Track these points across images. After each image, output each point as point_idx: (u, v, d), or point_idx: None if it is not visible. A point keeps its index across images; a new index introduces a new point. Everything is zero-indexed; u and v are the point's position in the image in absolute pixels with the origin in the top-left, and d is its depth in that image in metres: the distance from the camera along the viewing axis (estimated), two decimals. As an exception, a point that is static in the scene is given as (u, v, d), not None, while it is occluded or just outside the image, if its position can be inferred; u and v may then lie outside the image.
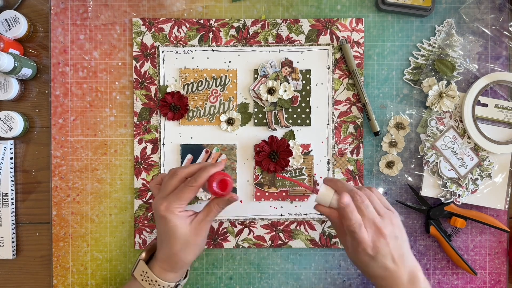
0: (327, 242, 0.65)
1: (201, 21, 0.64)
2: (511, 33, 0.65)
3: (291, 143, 0.64)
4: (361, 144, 0.65)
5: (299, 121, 0.65)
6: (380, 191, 0.65)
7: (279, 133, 0.65)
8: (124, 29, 0.65)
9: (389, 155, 0.64)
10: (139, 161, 0.65)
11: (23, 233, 0.65)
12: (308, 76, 0.64)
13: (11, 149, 0.64)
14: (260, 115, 0.65)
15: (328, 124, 0.65)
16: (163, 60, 0.64)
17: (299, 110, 0.65)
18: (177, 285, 0.55)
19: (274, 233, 0.65)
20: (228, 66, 0.65)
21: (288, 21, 0.64)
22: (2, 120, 0.62)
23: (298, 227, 0.65)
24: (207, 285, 0.65)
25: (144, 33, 0.64)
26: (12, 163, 0.64)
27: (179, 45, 0.64)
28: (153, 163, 0.65)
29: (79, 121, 0.65)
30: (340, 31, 0.64)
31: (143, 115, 0.65)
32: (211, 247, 0.65)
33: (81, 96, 0.65)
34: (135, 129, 0.65)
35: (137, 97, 0.64)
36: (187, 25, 0.64)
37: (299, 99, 0.64)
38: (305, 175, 0.64)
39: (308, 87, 0.65)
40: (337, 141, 0.65)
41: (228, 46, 0.64)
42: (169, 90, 0.64)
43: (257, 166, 0.64)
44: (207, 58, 0.65)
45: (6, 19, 0.62)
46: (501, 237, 0.65)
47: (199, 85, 0.64)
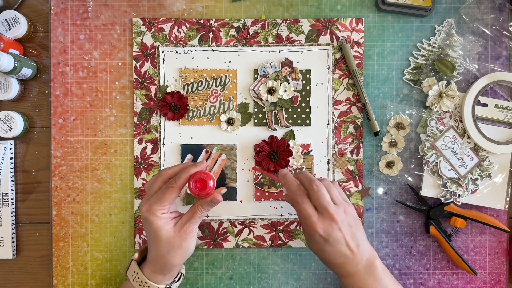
0: (327, 242, 0.65)
1: (201, 21, 0.64)
2: (511, 33, 0.65)
3: (291, 143, 0.64)
4: (361, 144, 0.65)
5: (299, 121, 0.65)
6: (380, 191, 0.65)
7: (279, 133, 0.65)
8: (124, 29, 0.65)
9: (389, 155, 0.64)
10: (139, 161, 0.65)
11: (23, 233, 0.65)
12: (308, 76, 0.64)
13: (11, 149, 0.64)
14: (260, 115, 0.65)
15: (328, 124, 0.65)
16: (163, 60, 0.64)
17: (299, 110, 0.64)
18: None
19: (274, 233, 0.65)
20: (228, 66, 0.65)
21: (288, 21, 0.64)
22: (2, 120, 0.62)
23: (298, 227, 0.65)
24: (207, 285, 0.65)
25: (144, 33, 0.64)
26: (12, 163, 0.64)
27: (179, 45, 0.64)
28: (153, 163, 0.65)
29: (79, 121, 0.65)
30: (340, 31, 0.64)
31: (143, 115, 0.65)
32: (211, 247, 0.65)
33: (81, 96, 0.65)
34: (135, 129, 0.65)
35: (137, 97, 0.64)
36: (187, 25, 0.64)
37: (299, 99, 0.64)
38: (305, 175, 0.64)
39: (308, 87, 0.65)
40: (337, 141, 0.65)
41: (228, 46, 0.64)
42: (169, 90, 0.64)
43: (257, 166, 0.64)
44: (207, 58, 0.65)
45: (6, 19, 0.62)
46: (501, 237, 0.65)
47: (199, 85, 0.64)
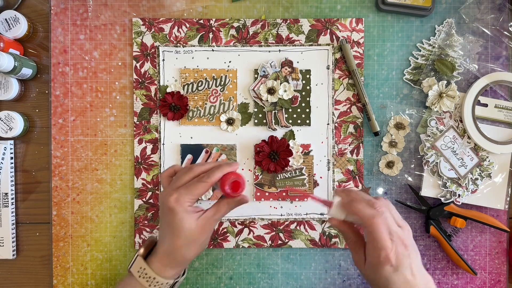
0: (327, 242, 0.65)
1: (201, 21, 0.64)
2: (511, 33, 0.65)
3: (291, 143, 0.64)
4: (361, 144, 0.65)
5: (299, 121, 0.65)
6: (380, 191, 0.65)
7: (279, 133, 0.65)
8: (124, 29, 0.65)
9: (389, 155, 0.64)
10: (139, 161, 0.65)
11: (23, 233, 0.65)
12: (308, 76, 0.64)
13: (11, 149, 0.64)
14: (260, 115, 0.65)
15: (328, 124, 0.65)
16: (163, 60, 0.64)
17: (299, 110, 0.64)
18: (175, 283, 0.54)
19: (274, 233, 0.65)
20: (228, 66, 0.65)
21: (288, 21, 0.64)
22: (2, 120, 0.62)
23: (298, 227, 0.65)
24: (207, 285, 0.65)
25: (144, 33, 0.64)
26: (12, 163, 0.64)
27: (179, 45, 0.64)
28: (153, 163, 0.65)
29: (79, 121, 0.65)
30: (340, 31, 0.64)
31: (143, 115, 0.65)
32: (211, 247, 0.65)
33: (81, 96, 0.65)
34: (135, 129, 0.65)
35: (137, 97, 0.64)
36: (187, 25, 0.64)
37: (299, 99, 0.64)
38: (305, 175, 0.64)
39: (308, 87, 0.65)
40: (337, 141, 0.65)
41: (228, 46, 0.64)
42: (169, 90, 0.64)
43: (257, 166, 0.64)
44: (207, 58, 0.65)
45: (6, 19, 0.62)
46: (501, 237, 0.65)
47: (199, 85, 0.64)
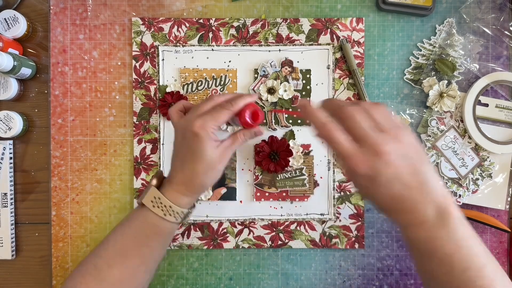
0: (327, 242, 0.64)
1: (201, 21, 0.64)
2: (512, 33, 0.64)
3: (291, 143, 0.64)
4: (361, 144, 0.64)
5: (299, 121, 0.64)
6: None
7: (279, 133, 0.65)
8: (123, 28, 0.65)
9: (389, 155, 0.64)
10: (139, 161, 0.64)
11: (22, 233, 0.65)
12: (308, 75, 0.64)
13: (10, 149, 0.64)
14: (260, 115, 0.64)
15: (328, 124, 0.64)
16: (163, 59, 0.64)
17: (299, 110, 0.64)
18: (188, 214, 0.53)
19: (274, 233, 0.65)
20: (228, 65, 0.64)
21: (288, 21, 0.64)
22: (1, 120, 0.62)
23: (298, 228, 0.65)
24: (207, 286, 0.65)
25: (143, 33, 0.64)
26: (11, 163, 0.64)
27: (178, 44, 0.64)
28: (152, 163, 0.64)
29: (79, 121, 0.64)
30: (340, 31, 0.64)
31: (142, 115, 0.64)
32: (211, 248, 0.65)
33: (80, 96, 0.64)
34: (134, 129, 0.64)
35: (137, 97, 0.64)
36: (187, 25, 0.64)
37: (299, 99, 0.64)
38: (305, 175, 0.64)
39: (308, 87, 0.64)
40: (337, 141, 0.64)
41: (228, 45, 0.64)
42: (168, 90, 0.64)
43: (257, 166, 0.64)
44: (207, 57, 0.64)
45: (5, 19, 0.62)
46: (501, 237, 0.65)
47: (199, 84, 0.64)
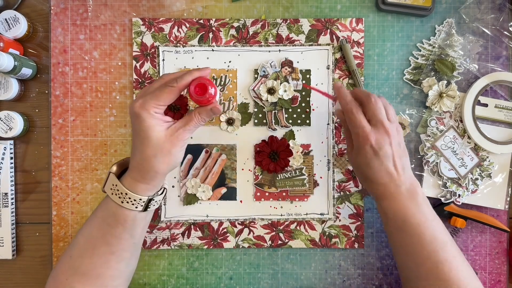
0: (327, 242, 0.65)
1: (201, 21, 0.64)
2: (511, 33, 0.65)
3: (291, 143, 0.64)
4: (361, 144, 0.65)
5: (299, 121, 0.65)
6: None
7: (279, 133, 0.65)
8: (124, 29, 0.65)
9: (389, 155, 0.64)
10: (139, 161, 0.64)
11: (23, 233, 0.65)
12: (308, 76, 0.64)
13: (11, 149, 0.64)
14: (260, 115, 0.65)
15: (328, 124, 0.65)
16: (163, 60, 0.64)
17: (299, 110, 0.64)
18: (151, 200, 0.51)
19: (274, 233, 0.65)
20: (228, 66, 0.65)
21: (288, 21, 0.64)
22: (2, 120, 0.62)
23: (298, 227, 0.65)
24: (207, 285, 0.65)
25: (144, 33, 0.64)
26: (12, 163, 0.64)
27: (179, 45, 0.64)
28: (153, 163, 0.65)
29: (79, 121, 0.65)
30: (340, 31, 0.64)
31: (143, 115, 0.64)
32: (211, 247, 0.65)
33: (81, 96, 0.65)
34: (135, 129, 0.64)
35: (137, 97, 0.64)
36: (187, 25, 0.64)
37: (299, 99, 0.64)
38: (305, 175, 0.64)
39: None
40: (337, 141, 0.65)
41: (228, 46, 0.64)
42: (169, 90, 0.64)
43: (257, 166, 0.64)
44: (207, 58, 0.64)
45: (6, 19, 0.62)
46: (501, 237, 0.65)
47: (199, 85, 0.64)
